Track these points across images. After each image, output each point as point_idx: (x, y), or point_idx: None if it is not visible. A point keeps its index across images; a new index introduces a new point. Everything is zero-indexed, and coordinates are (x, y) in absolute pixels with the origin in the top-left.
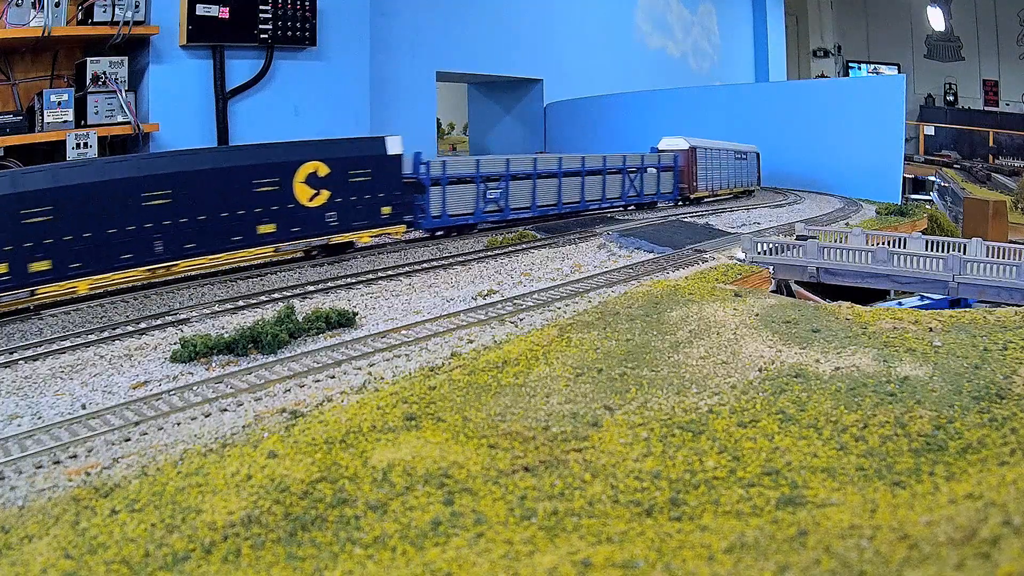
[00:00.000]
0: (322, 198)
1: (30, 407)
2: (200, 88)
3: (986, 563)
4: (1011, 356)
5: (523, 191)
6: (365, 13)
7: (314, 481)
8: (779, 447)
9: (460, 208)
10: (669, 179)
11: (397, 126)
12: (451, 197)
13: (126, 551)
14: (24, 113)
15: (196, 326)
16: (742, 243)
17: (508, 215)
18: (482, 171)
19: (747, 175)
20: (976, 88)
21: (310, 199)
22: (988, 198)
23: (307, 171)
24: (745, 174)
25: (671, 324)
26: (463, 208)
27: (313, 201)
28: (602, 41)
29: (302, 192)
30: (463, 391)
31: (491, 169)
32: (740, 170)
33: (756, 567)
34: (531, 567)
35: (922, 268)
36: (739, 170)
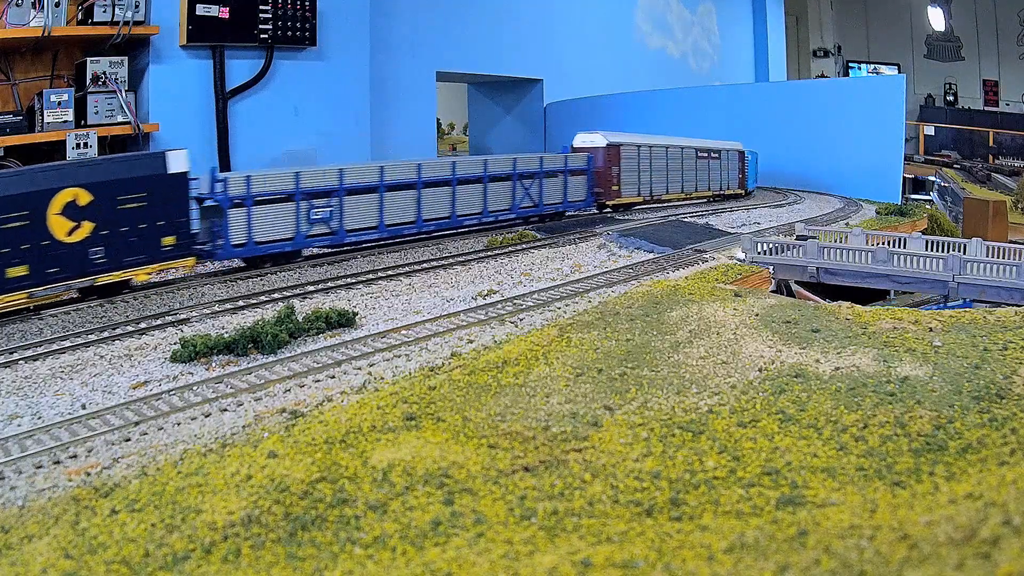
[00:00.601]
0: (84, 231)
1: (30, 407)
2: (200, 88)
3: (986, 563)
4: (1011, 356)
5: (366, 208)
6: (365, 13)
7: (314, 481)
8: (779, 447)
9: (273, 233)
10: (581, 184)
11: (397, 126)
12: (260, 220)
13: (126, 551)
14: (24, 113)
15: (196, 326)
16: (742, 243)
17: (344, 239)
18: (304, 186)
19: (724, 176)
20: (976, 88)
21: (68, 233)
22: (988, 198)
23: (64, 200)
24: (721, 175)
25: (671, 324)
26: (278, 233)
27: (73, 235)
28: (602, 41)
29: (59, 225)
30: (463, 391)
31: (317, 183)
32: (711, 171)
33: (756, 567)
34: (531, 567)
35: (922, 268)
36: (709, 171)
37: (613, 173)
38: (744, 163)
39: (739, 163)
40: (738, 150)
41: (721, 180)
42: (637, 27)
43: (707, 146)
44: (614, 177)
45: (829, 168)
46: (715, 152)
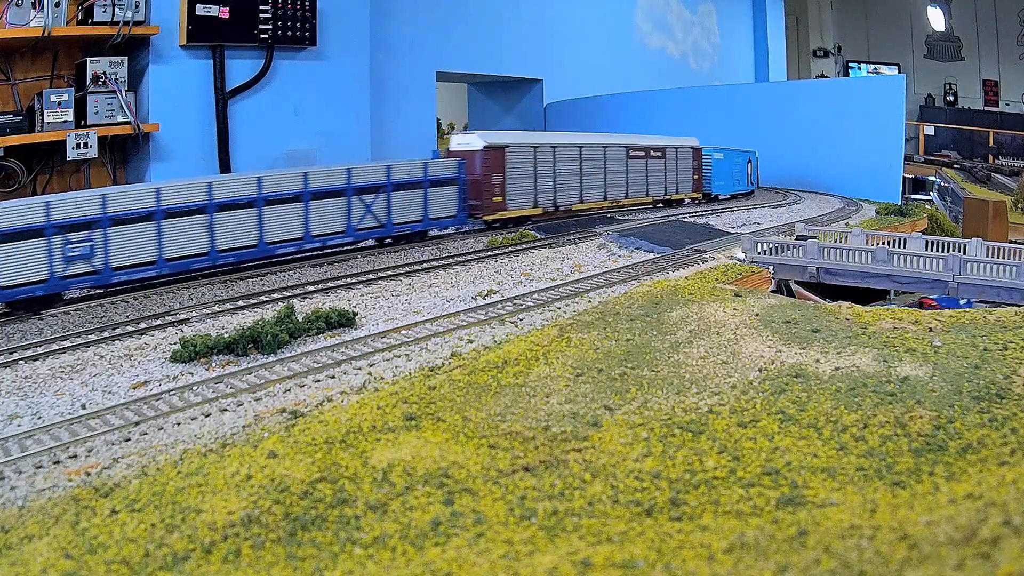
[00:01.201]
0: None
1: (30, 407)
2: (200, 88)
3: (986, 563)
4: (1011, 356)
5: (141, 238)
6: (365, 13)
7: (314, 481)
8: (779, 447)
9: (17, 276)
10: (449, 196)
11: (397, 126)
12: None
13: (126, 551)
14: (24, 113)
15: (196, 326)
16: (742, 243)
17: (110, 278)
18: (55, 218)
19: (672, 179)
20: (976, 88)
21: None
22: (988, 198)
23: None
24: (667, 178)
25: (671, 324)
26: (21, 276)
27: None
28: (602, 41)
29: None
30: (463, 391)
31: (71, 213)
32: (652, 173)
33: (756, 567)
34: (531, 567)
35: (922, 268)
36: (649, 173)
37: (495, 181)
38: (700, 162)
39: (693, 162)
40: (691, 147)
41: (667, 183)
42: (637, 27)
43: (645, 144)
44: (496, 186)
45: (829, 168)
46: (656, 150)
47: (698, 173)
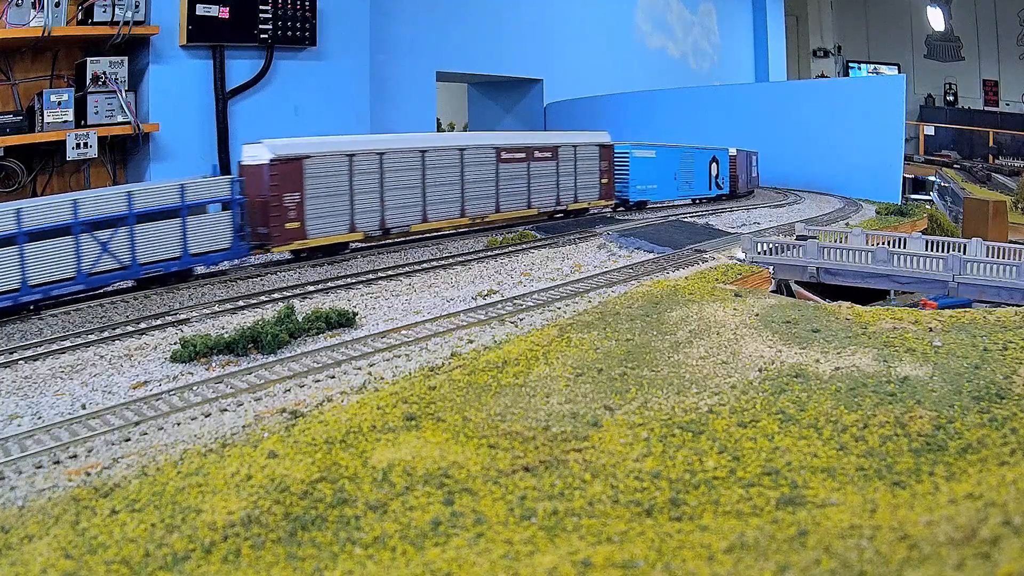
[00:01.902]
0: None
1: (30, 407)
2: (200, 88)
3: (986, 563)
4: (1011, 356)
5: None
6: (365, 13)
7: (314, 481)
8: (779, 447)
9: None
10: (220, 224)
11: (397, 126)
12: None
13: (126, 551)
14: (24, 113)
15: (196, 326)
16: (742, 243)
17: None
18: None
19: (568, 185)
20: (976, 88)
21: None
22: (988, 198)
23: None
24: (562, 184)
25: (671, 324)
26: None
27: None
28: (602, 41)
29: None
30: (463, 391)
31: None
32: (537, 180)
33: (756, 567)
34: (531, 567)
35: (922, 268)
36: (532, 180)
37: (289, 202)
38: (612, 162)
39: (600, 163)
40: (596, 144)
41: (560, 191)
42: (637, 27)
43: (524, 143)
44: (291, 208)
45: (829, 168)
46: (542, 151)
47: (608, 176)
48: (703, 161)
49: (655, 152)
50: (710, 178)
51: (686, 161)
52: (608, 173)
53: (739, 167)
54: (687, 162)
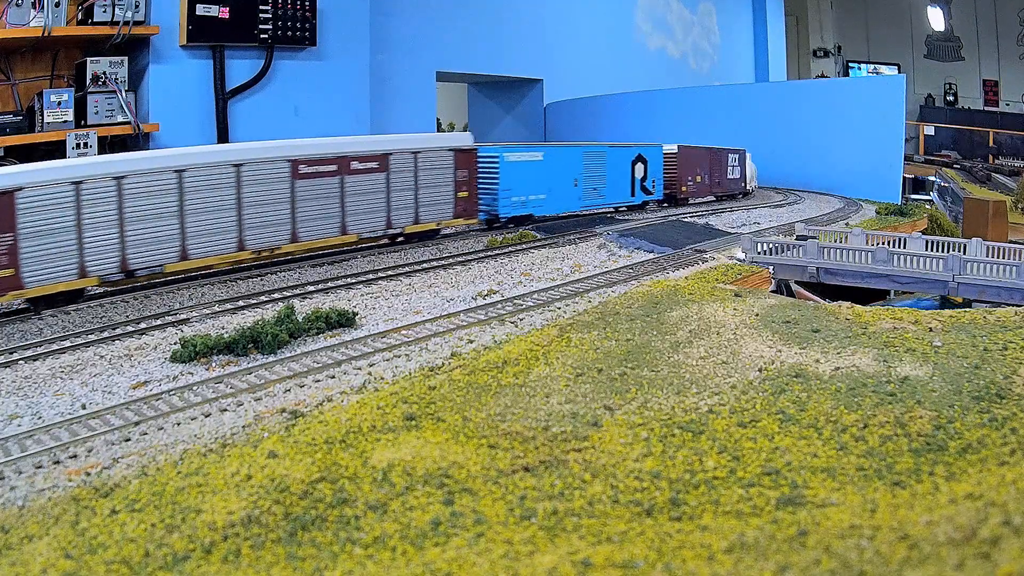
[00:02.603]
0: None
1: (30, 407)
2: (200, 88)
3: (986, 563)
4: (1011, 356)
5: None
6: (365, 13)
7: (314, 481)
8: (779, 447)
9: None
10: None
11: (397, 126)
12: None
13: (126, 551)
14: (24, 113)
15: (196, 326)
16: (742, 243)
17: None
18: None
19: (413, 202)
20: (976, 88)
21: None
22: (988, 198)
23: None
24: (406, 201)
25: (671, 324)
26: None
27: None
28: (602, 41)
29: None
30: (463, 391)
31: None
32: (365, 199)
33: (756, 567)
34: (531, 567)
35: (922, 268)
36: (358, 199)
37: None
38: (474, 171)
39: (456, 173)
40: (450, 148)
41: (391, 210)
42: (637, 27)
43: (337, 152)
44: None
45: (829, 168)
46: (367, 160)
47: (468, 188)
48: (620, 161)
49: (542, 154)
50: (633, 182)
51: (593, 163)
52: (468, 184)
53: (689, 166)
54: (594, 164)
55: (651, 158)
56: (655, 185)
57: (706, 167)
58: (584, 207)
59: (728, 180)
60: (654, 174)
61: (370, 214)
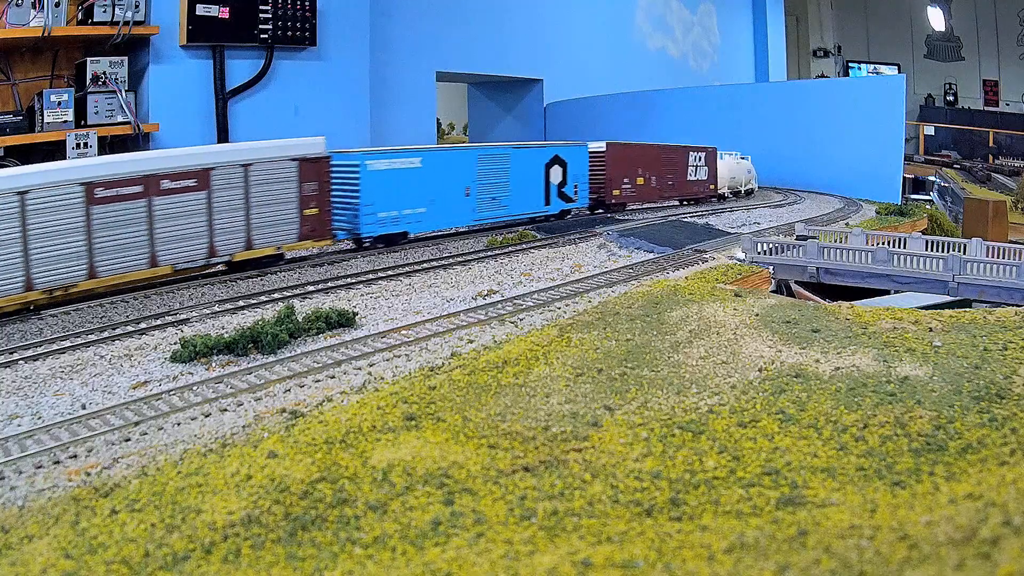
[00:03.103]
0: None
1: (30, 407)
2: (200, 88)
3: (986, 563)
4: (1011, 356)
5: None
6: (365, 13)
7: (314, 481)
8: (779, 447)
9: None
10: None
11: (397, 126)
12: None
13: (126, 551)
14: (24, 113)
15: (196, 326)
16: (742, 243)
17: None
18: None
19: (244, 225)
20: (976, 88)
21: None
22: (988, 198)
23: None
24: (237, 223)
25: (671, 324)
26: None
27: None
28: (602, 41)
29: None
30: (463, 391)
31: None
32: (177, 223)
33: (756, 567)
34: (531, 567)
35: (922, 268)
36: (167, 224)
37: None
38: (325, 183)
39: (306, 187)
40: (294, 157)
41: (218, 235)
42: (637, 27)
43: (147, 171)
44: None
45: (829, 168)
46: (183, 178)
47: (319, 203)
48: (529, 165)
49: (420, 160)
50: (548, 188)
51: (491, 168)
52: (319, 199)
53: (625, 167)
54: (493, 169)
55: (572, 159)
56: (578, 190)
57: (653, 167)
58: (479, 220)
59: (689, 182)
60: (576, 178)
61: (186, 241)
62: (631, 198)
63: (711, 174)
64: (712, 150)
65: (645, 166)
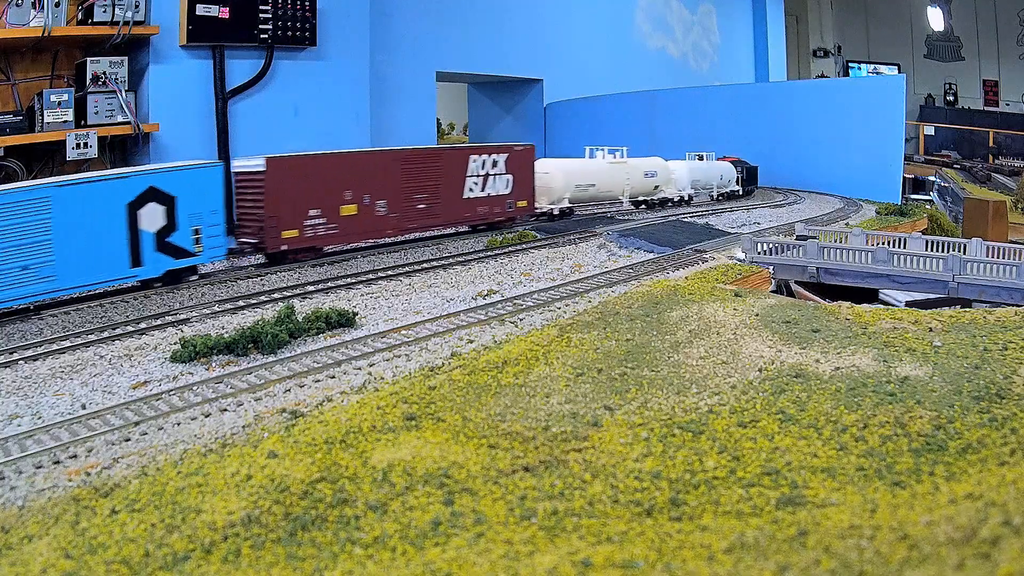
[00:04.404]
0: None
1: (30, 407)
2: (200, 88)
3: (986, 563)
4: (1011, 356)
5: None
6: (365, 13)
7: (314, 481)
8: (779, 447)
9: None
10: None
11: (397, 126)
12: None
13: (126, 551)
14: (24, 113)
15: (196, 326)
16: (742, 243)
17: None
18: None
19: None
20: (976, 88)
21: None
22: (988, 198)
23: None
24: None
25: (671, 324)
26: None
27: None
28: (602, 41)
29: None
30: (463, 391)
31: None
32: None
33: (756, 567)
34: (531, 567)
35: (922, 268)
36: None
37: None
38: None
39: None
40: None
41: None
42: (637, 27)
43: None
44: None
45: (829, 168)
46: None
47: None
48: (99, 209)
49: None
50: (135, 241)
51: (17, 221)
52: None
53: (311, 191)
54: (22, 223)
55: (188, 190)
56: (200, 237)
57: (382, 185)
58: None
59: (468, 201)
60: (198, 218)
61: None
62: (329, 237)
63: (521, 185)
64: (525, 150)
65: (362, 185)
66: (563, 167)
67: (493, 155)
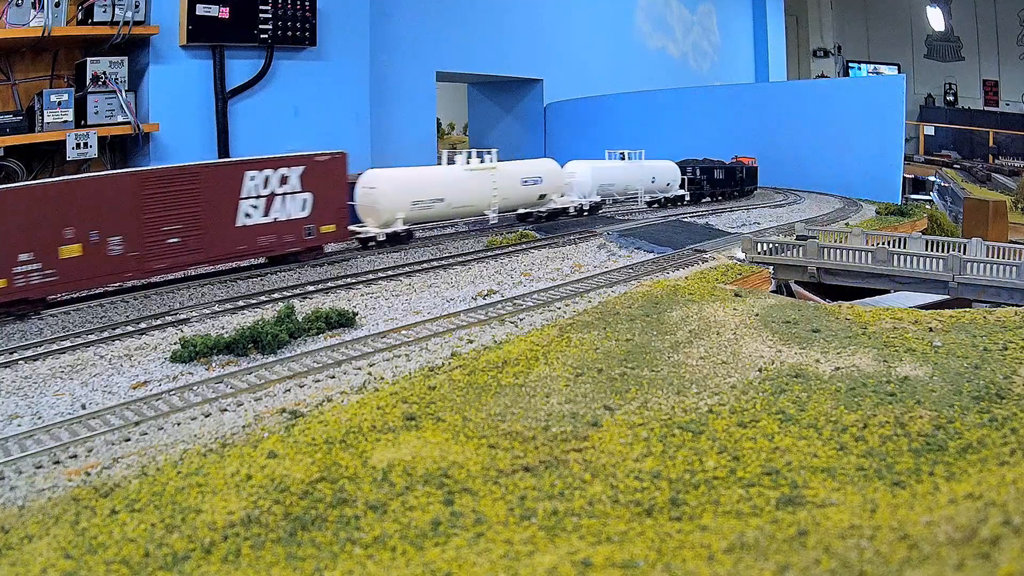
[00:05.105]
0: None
1: (30, 407)
2: (200, 88)
3: (986, 563)
4: (1011, 356)
5: None
6: (365, 13)
7: (314, 481)
8: (779, 447)
9: None
10: None
11: (397, 126)
12: None
13: (126, 551)
14: (24, 113)
15: (196, 326)
16: (742, 243)
17: None
18: None
19: None
20: (976, 88)
21: None
22: (988, 198)
23: None
24: None
25: (671, 324)
26: None
27: None
28: (602, 41)
29: None
30: (463, 391)
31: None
32: None
33: (756, 567)
34: (531, 567)
35: (922, 268)
36: None
37: None
38: None
39: None
40: None
41: None
42: (637, 27)
43: None
44: None
45: (829, 168)
46: None
47: None
48: None
49: None
50: None
51: None
52: None
53: (15, 232)
54: None
55: None
56: None
57: (117, 218)
58: None
59: (253, 229)
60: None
61: None
62: (48, 286)
63: (325, 206)
64: (332, 160)
65: (86, 218)
66: (395, 179)
67: (281, 169)
